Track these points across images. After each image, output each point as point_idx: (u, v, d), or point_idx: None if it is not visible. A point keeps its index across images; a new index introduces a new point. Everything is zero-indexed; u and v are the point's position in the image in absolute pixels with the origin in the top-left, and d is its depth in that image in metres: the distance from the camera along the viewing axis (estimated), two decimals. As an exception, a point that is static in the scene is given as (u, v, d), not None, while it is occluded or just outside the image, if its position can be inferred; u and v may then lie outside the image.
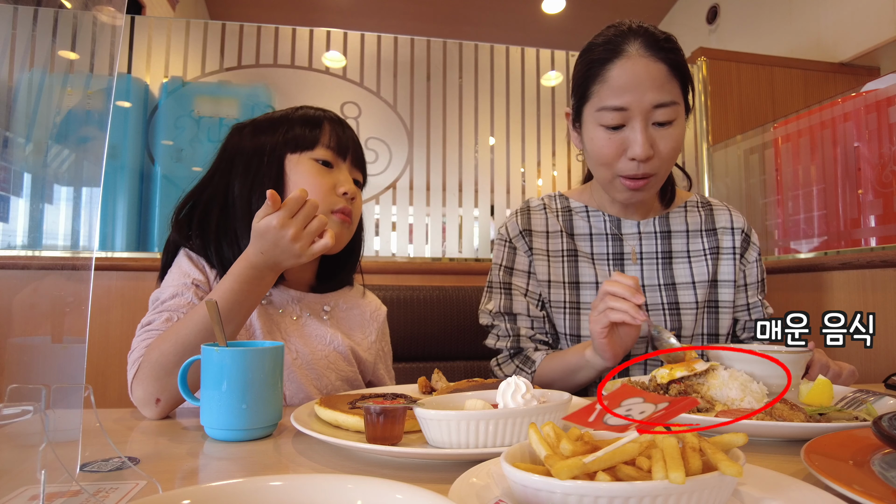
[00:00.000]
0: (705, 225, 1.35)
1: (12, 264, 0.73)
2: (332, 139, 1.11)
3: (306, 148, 1.09)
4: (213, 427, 0.77)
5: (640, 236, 1.32)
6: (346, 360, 1.14)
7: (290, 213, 0.91)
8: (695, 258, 1.32)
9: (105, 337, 1.96)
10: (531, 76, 2.74)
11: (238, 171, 1.09)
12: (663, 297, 1.29)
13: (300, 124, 1.10)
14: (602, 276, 1.29)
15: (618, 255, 1.31)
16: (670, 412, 0.42)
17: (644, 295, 1.06)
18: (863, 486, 0.49)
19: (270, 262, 0.94)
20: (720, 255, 1.34)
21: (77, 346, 0.56)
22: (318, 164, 1.09)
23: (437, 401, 0.73)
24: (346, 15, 5.24)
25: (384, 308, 1.29)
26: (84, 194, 0.65)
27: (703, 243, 1.34)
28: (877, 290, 1.79)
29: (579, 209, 1.36)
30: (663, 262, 1.31)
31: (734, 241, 1.35)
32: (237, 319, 0.95)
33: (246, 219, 1.05)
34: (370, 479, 0.42)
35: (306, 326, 1.13)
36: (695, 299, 1.29)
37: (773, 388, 0.89)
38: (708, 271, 1.31)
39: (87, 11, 0.68)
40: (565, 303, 1.28)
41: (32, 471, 0.50)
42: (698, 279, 1.30)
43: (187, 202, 1.11)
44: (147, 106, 2.41)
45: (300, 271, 1.17)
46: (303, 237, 0.92)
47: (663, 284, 1.30)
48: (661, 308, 1.29)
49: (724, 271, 1.33)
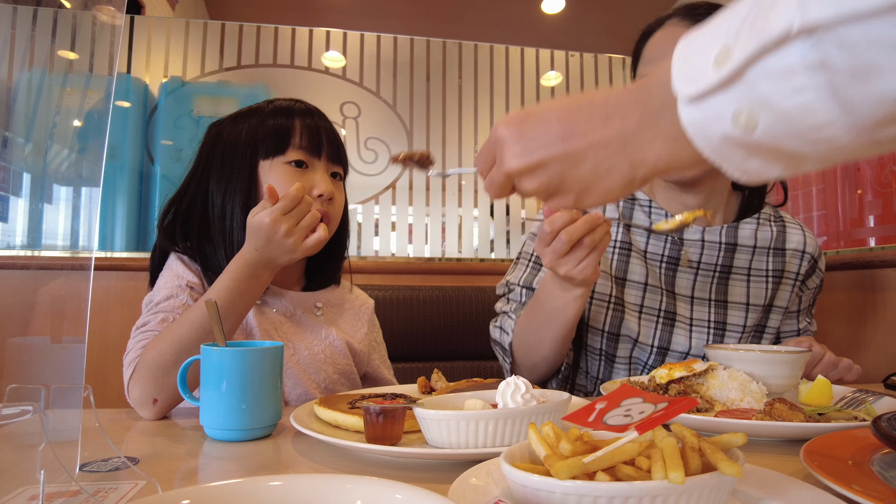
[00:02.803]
0: (775, 243, 1.25)
1: (12, 264, 0.73)
2: (303, 138, 1.08)
3: (278, 153, 1.07)
4: (212, 427, 0.77)
5: (702, 244, 1.22)
6: (342, 354, 1.16)
7: (283, 210, 0.91)
8: (755, 278, 1.22)
9: (104, 337, 1.96)
10: (531, 76, 2.74)
11: (214, 176, 1.09)
12: (711, 313, 1.20)
13: (271, 126, 1.08)
14: (653, 279, 1.21)
15: (672, 260, 1.22)
16: (670, 412, 0.42)
17: None
18: (862, 486, 0.49)
19: (265, 259, 0.94)
20: (782, 280, 1.23)
21: (76, 345, 0.56)
22: (290, 166, 1.07)
23: (437, 401, 0.73)
24: (346, 15, 5.24)
25: (371, 301, 1.30)
26: (83, 194, 0.65)
27: (768, 263, 1.23)
28: (877, 290, 1.79)
29: (643, 201, 1.27)
30: (720, 276, 1.21)
31: (800, 266, 1.25)
32: (234, 318, 0.95)
33: (222, 225, 1.06)
34: (369, 479, 0.42)
35: (301, 324, 1.14)
36: (743, 322, 1.20)
37: (773, 388, 0.89)
38: (766, 295, 1.22)
39: (86, 11, 0.68)
40: (610, 296, 1.20)
41: (32, 471, 0.50)
42: (753, 301, 1.21)
43: (169, 208, 1.11)
44: (146, 106, 2.41)
45: (288, 272, 1.18)
46: (296, 232, 0.93)
47: (714, 300, 1.21)
48: (707, 325, 1.20)
49: (781, 297, 1.23)
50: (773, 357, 0.91)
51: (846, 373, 1.11)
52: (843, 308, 1.88)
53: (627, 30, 4.75)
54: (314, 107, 1.15)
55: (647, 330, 1.19)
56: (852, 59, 0.31)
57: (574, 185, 0.53)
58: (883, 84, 0.31)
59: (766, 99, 0.35)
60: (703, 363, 0.88)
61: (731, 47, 0.36)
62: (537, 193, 0.56)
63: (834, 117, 0.33)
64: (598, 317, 1.22)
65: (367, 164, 2.54)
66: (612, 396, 0.47)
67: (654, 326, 1.20)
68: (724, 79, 0.36)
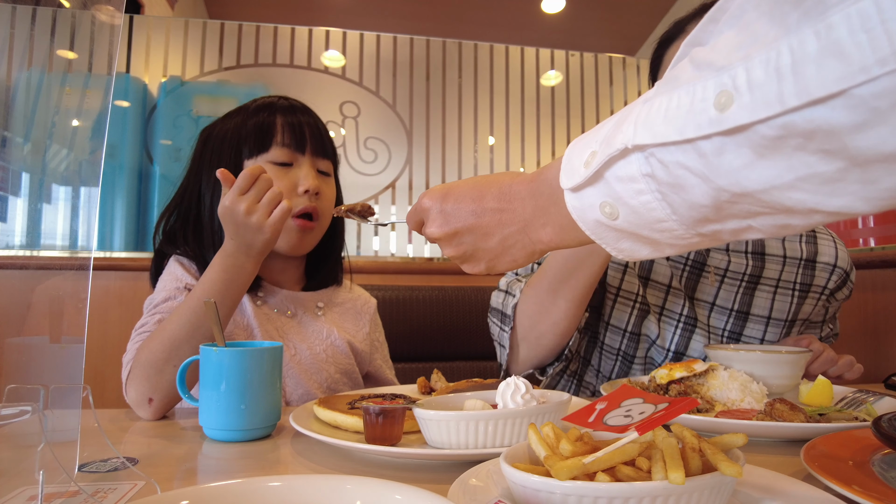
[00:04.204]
0: (806, 254, 1.21)
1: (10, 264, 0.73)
2: (286, 135, 1.08)
3: (261, 151, 1.07)
4: (211, 427, 0.76)
5: (728, 253, 1.20)
6: (343, 353, 1.15)
7: (240, 190, 0.90)
8: (782, 290, 1.19)
9: (103, 337, 1.96)
10: (531, 76, 2.75)
11: (204, 177, 1.10)
12: (729, 322, 1.18)
13: (253, 125, 1.08)
14: (676, 281, 1.18)
15: (696, 266, 1.19)
16: (670, 413, 0.42)
17: None
18: (862, 487, 0.49)
19: (243, 247, 0.93)
20: (809, 294, 1.20)
21: (75, 346, 0.56)
22: (275, 166, 1.07)
23: (437, 401, 0.73)
24: (346, 14, 5.23)
25: (373, 300, 1.30)
26: (82, 194, 0.65)
27: (797, 275, 1.20)
28: (877, 290, 1.79)
29: None
30: (747, 286, 1.18)
31: (829, 279, 1.21)
32: (222, 311, 0.93)
33: (212, 225, 1.07)
34: (369, 480, 0.42)
35: (303, 324, 1.13)
36: (761, 336, 1.18)
37: (774, 389, 0.89)
38: (789, 310, 1.18)
39: (85, 10, 0.68)
40: (636, 295, 1.18)
41: (31, 471, 0.50)
42: (775, 315, 1.18)
43: (167, 211, 1.12)
44: (146, 105, 2.41)
45: (288, 272, 1.18)
46: (257, 210, 0.90)
47: (736, 310, 1.18)
48: (721, 333, 1.17)
49: (804, 311, 1.20)
50: (773, 357, 0.91)
51: (847, 370, 1.10)
52: (843, 308, 1.88)
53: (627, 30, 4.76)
54: (298, 102, 1.15)
55: (667, 333, 1.18)
56: (668, 174, 0.40)
57: (485, 254, 0.64)
58: (689, 195, 0.40)
59: (620, 196, 0.44)
60: (704, 363, 0.88)
61: (595, 153, 0.45)
62: (454, 258, 0.67)
63: (666, 215, 0.42)
64: (622, 316, 1.19)
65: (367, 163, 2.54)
66: (613, 397, 0.47)
67: (674, 330, 1.17)
68: (589, 177, 0.45)
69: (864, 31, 0.29)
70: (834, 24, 0.30)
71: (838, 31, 0.30)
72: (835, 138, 0.32)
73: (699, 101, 0.36)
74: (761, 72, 0.33)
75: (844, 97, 0.30)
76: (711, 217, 0.41)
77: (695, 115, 0.37)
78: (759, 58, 0.33)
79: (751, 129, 0.34)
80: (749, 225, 0.42)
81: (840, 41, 0.30)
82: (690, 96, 0.37)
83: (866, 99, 0.30)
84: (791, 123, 0.33)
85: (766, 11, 0.34)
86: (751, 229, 0.42)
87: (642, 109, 0.41)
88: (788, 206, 0.37)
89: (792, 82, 0.32)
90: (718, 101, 0.35)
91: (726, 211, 0.40)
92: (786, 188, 0.36)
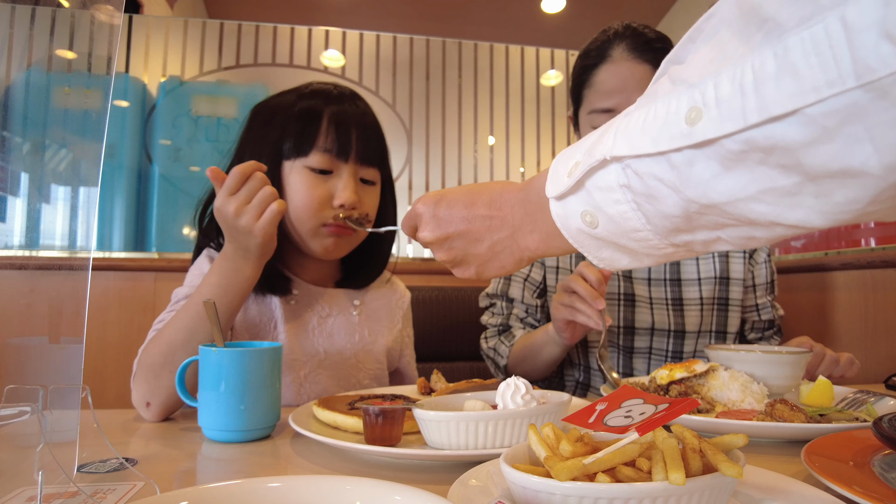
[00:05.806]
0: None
1: (9, 264, 0.73)
2: (328, 139, 0.99)
3: (300, 154, 0.99)
4: (211, 428, 0.76)
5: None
6: (375, 359, 1.11)
7: (229, 191, 0.84)
8: (702, 255, 1.32)
9: (102, 337, 1.96)
10: (531, 75, 2.75)
11: None
12: (668, 292, 1.31)
13: (297, 121, 1.00)
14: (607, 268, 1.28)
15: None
16: (670, 413, 0.42)
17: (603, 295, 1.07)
18: (863, 487, 0.49)
19: (240, 250, 0.88)
20: (730, 254, 1.35)
21: (74, 346, 0.56)
22: (312, 172, 0.99)
23: (437, 402, 0.73)
24: (345, 14, 5.23)
25: (408, 293, 1.24)
26: (81, 194, 0.65)
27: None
28: (877, 290, 1.79)
29: None
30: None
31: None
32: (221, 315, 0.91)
33: None
34: (369, 481, 0.42)
35: (334, 326, 1.09)
36: (699, 296, 1.31)
37: (774, 389, 0.89)
38: (715, 269, 1.33)
39: (84, 10, 0.68)
40: None
41: (30, 471, 0.50)
42: (704, 276, 1.32)
43: (207, 203, 1.07)
44: (145, 105, 2.41)
45: (321, 268, 1.13)
46: (246, 212, 0.84)
47: (669, 279, 1.32)
48: (665, 303, 1.31)
49: (735, 269, 1.34)
50: (774, 358, 0.90)
51: (848, 369, 1.14)
52: (843, 308, 1.88)
53: (627, 29, 4.65)
54: (350, 93, 1.05)
55: (611, 313, 1.29)
56: (642, 184, 0.42)
57: (475, 259, 0.66)
58: (661, 206, 0.42)
59: (599, 205, 0.46)
60: (704, 364, 0.88)
61: (578, 163, 0.47)
62: (446, 263, 0.69)
63: (641, 225, 0.44)
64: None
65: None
66: (613, 397, 0.47)
67: (617, 309, 1.30)
68: (571, 186, 0.47)
69: (816, 55, 0.31)
70: (790, 46, 0.32)
71: (793, 53, 0.31)
72: (790, 154, 0.34)
73: (672, 114, 0.38)
74: (728, 88, 0.35)
75: (798, 115, 0.32)
76: (682, 227, 0.43)
77: (668, 128, 0.38)
78: (727, 74, 0.35)
79: (718, 143, 0.36)
80: (718, 236, 0.44)
81: (795, 63, 0.31)
82: (665, 109, 0.39)
83: (816, 118, 0.31)
84: (752, 139, 0.34)
85: (736, 31, 0.36)
86: (720, 241, 0.44)
87: (623, 122, 0.43)
88: (751, 219, 0.39)
89: (754, 99, 0.33)
90: (689, 116, 0.37)
91: (696, 222, 0.42)
92: (749, 200, 0.38)
